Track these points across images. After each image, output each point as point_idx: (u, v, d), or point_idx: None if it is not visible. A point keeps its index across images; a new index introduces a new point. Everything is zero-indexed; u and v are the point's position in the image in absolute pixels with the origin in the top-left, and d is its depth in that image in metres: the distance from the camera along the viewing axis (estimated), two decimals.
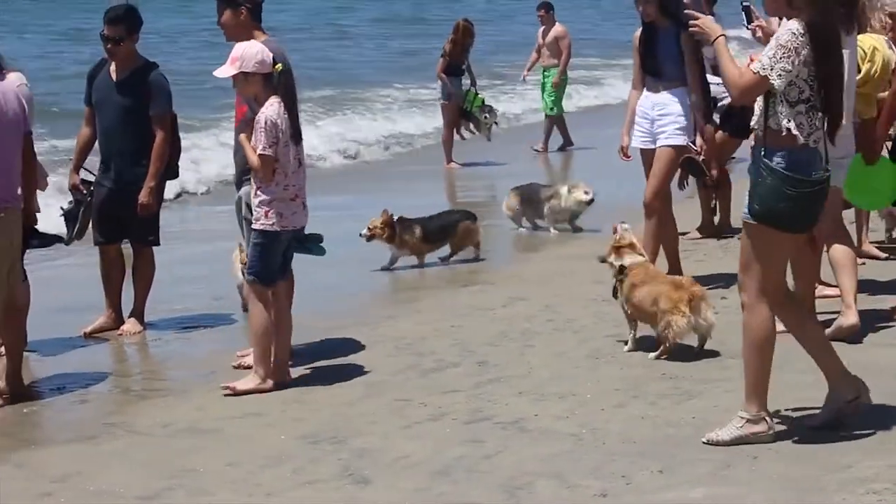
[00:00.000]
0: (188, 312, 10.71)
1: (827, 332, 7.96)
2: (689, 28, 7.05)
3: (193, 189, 18.17)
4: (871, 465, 6.45)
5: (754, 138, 6.85)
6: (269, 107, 8.31)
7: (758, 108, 6.79)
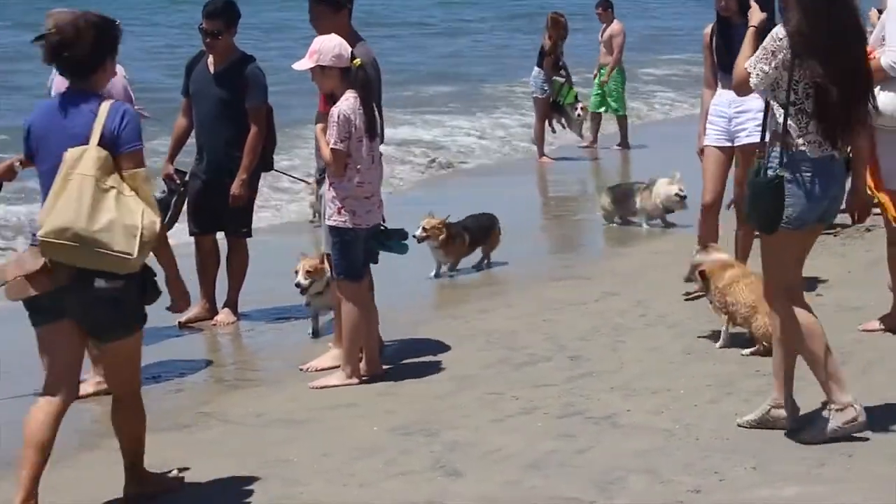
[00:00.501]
0: (280, 303, 10.79)
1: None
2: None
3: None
4: None
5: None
6: (345, 101, 8.31)
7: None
